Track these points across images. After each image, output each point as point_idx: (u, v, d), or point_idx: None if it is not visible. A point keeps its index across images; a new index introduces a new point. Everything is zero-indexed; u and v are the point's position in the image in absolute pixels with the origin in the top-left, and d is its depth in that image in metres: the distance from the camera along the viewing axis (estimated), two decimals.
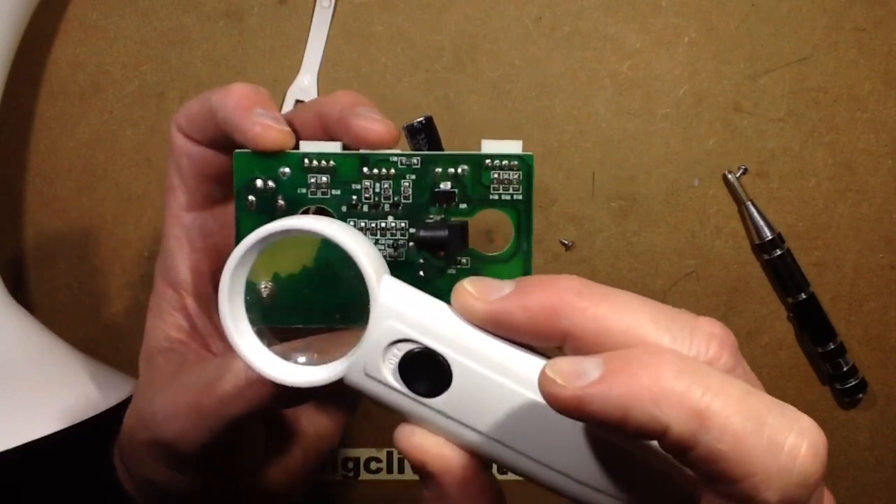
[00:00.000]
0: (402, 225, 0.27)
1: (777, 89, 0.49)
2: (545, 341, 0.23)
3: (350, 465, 0.50)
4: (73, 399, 0.38)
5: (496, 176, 0.27)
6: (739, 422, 0.19)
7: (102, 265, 0.49)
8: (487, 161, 0.27)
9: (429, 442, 0.24)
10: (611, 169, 0.49)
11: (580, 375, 0.20)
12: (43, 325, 0.45)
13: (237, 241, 0.26)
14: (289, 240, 0.25)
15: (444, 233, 0.26)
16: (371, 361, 0.23)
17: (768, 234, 0.48)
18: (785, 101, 0.49)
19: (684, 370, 0.19)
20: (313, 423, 0.34)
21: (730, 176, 0.49)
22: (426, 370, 0.23)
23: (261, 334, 0.25)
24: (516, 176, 0.27)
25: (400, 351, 0.23)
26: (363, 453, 0.51)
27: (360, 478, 0.51)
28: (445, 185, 0.27)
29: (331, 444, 0.35)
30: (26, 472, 0.34)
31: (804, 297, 0.49)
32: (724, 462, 0.19)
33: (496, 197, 0.27)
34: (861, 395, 0.50)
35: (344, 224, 0.25)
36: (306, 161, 0.27)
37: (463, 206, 0.27)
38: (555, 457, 0.23)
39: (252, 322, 0.25)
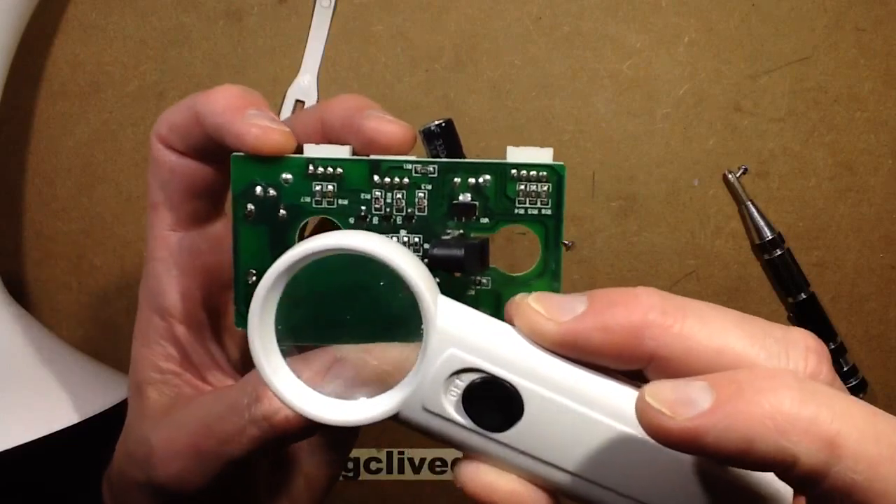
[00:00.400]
0: (416, 240, 0.24)
1: (777, 89, 0.49)
2: (626, 364, 0.21)
3: (350, 465, 0.50)
4: (72, 399, 0.38)
5: (522, 188, 0.24)
6: (872, 447, 0.17)
7: (102, 265, 0.49)
8: (513, 171, 0.24)
9: (499, 480, 0.21)
10: (611, 169, 0.49)
11: (688, 404, 0.18)
12: (43, 325, 0.45)
13: (235, 254, 0.24)
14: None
15: (460, 252, 0.23)
16: (430, 395, 0.21)
17: (768, 234, 0.48)
18: (785, 101, 0.49)
19: (807, 393, 0.18)
20: (316, 455, 0.32)
21: (730, 176, 0.49)
22: (494, 401, 0.21)
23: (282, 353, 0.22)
24: (545, 188, 0.24)
25: (463, 381, 0.21)
26: (363, 453, 0.51)
27: (360, 478, 0.51)
28: (465, 197, 0.24)
29: (336, 473, 0.33)
30: (26, 471, 0.34)
31: (804, 297, 0.49)
32: (860, 493, 0.17)
33: (522, 211, 0.24)
34: (861, 396, 0.50)
35: (387, 239, 0.22)
36: (311, 167, 0.24)
37: (484, 220, 0.24)
38: (647, 491, 0.21)
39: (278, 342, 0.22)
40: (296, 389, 0.22)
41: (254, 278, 0.25)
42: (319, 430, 0.26)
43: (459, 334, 0.21)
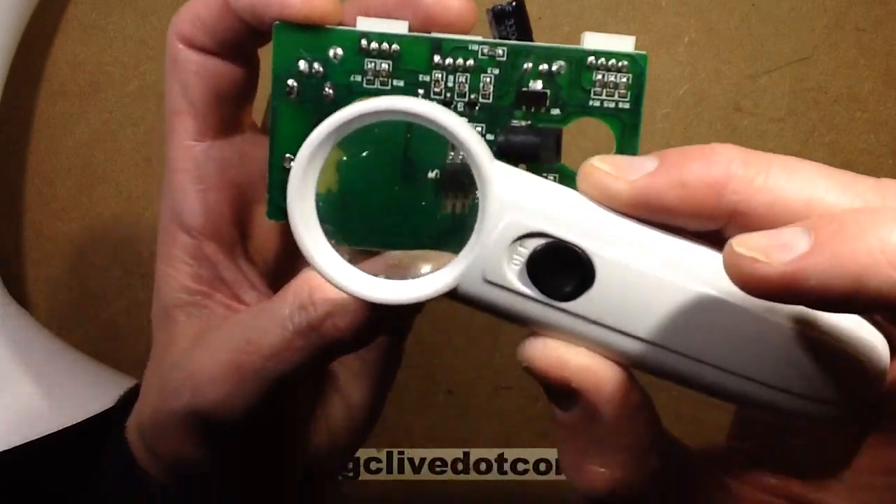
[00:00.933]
0: (479, 129, 0.22)
1: (777, 89, 0.49)
2: (704, 223, 0.19)
3: (350, 465, 0.50)
4: (72, 399, 0.38)
5: (600, 77, 0.22)
6: None
7: (102, 265, 0.49)
8: (591, 59, 0.22)
9: (569, 354, 0.20)
10: None
11: (784, 248, 0.16)
12: (43, 325, 0.45)
13: (272, 136, 0.22)
14: (360, 138, 0.20)
15: (536, 139, 0.22)
16: (491, 264, 0.19)
17: None
18: (785, 101, 0.49)
19: None
20: (359, 381, 0.30)
21: None
22: (561, 268, 0.19)
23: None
24: (624, 79, 0.22)
25: (526, 248, 0.19)
26: (363, 453, 0.51)
27: (360, 478, 0.51)
28: (535, 85, 0.22)
29: (377, 406, 0.30)
30: (26, 471, 0.34)
31: None
32: None
33: (597, 103, 0.22)
34: None
35: (443, 107, 0.20)
36: (364, 42, 0.22)
37: (555, 111, 0.22)
38: (729, 357, 0.19)
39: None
40: (341, 267, 0.20)
41: (291, 164, 0.22)
42: (371, 334, 0.24)
43: (520, 197, 0.19)
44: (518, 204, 0.19)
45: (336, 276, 0.19)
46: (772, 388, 0.19)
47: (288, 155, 0.23)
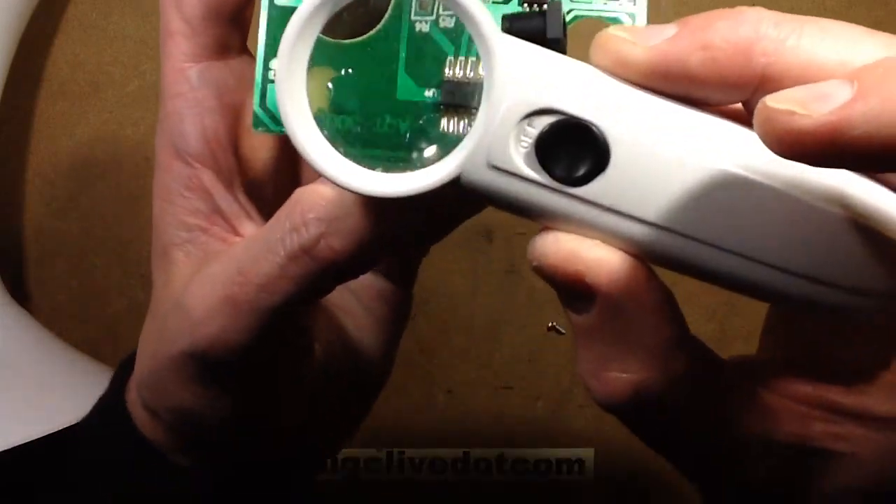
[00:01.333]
0: None
1: None
2: (731, 91, 0.17)
3: (350, 465, 0.50)
4: (72, 399, 0.38)
5: None
6: None
7: (102, 265, 0.49)
8: None
9: (582, 246, 0.18)
10: None
11: (824, 98, 0.14)
12: (43, 325, 0.45)
13: (261, 39, 0.22)
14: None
15: (541, 18, 0.20)
16: (497, 147, 0.17)
17: None
18: None
19: None
20: (366, 334, 0.28)
21: None
22: (573, 149, 0.17)
23: None
24: None
25: (534, 128, 0.17)
26: (363, 453, 0.51)
27: (360, 478, 0.51)
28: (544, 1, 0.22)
29: (404, 313, 0.29)
30: (26, 471, 0.34)
31: None
32: None
33: (602, 3, 0.22)
34: None
35: None
36: None
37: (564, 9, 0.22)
38: (765, 246, 0.17)
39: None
40: (336, 159, 0.18)
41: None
42: (370, 255, 0.22)
43: (528, 71, 0.17)
44: (526, 78, 0.17)
45: (330, 167, 0.18)
46: (810, 279, 0.17)
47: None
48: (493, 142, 0.17)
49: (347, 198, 0.20)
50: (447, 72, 0.22)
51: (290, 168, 0.27)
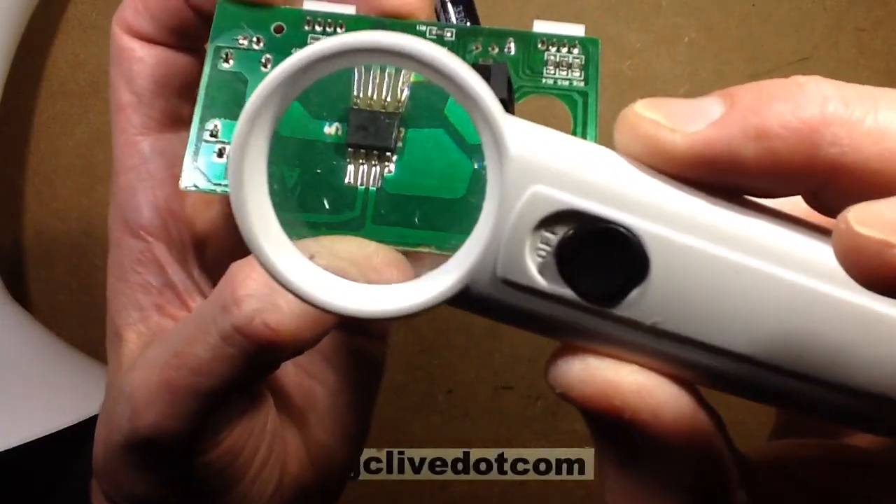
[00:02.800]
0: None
1: None
2: (793, 186, 0.14)
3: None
4: (72, 399, 0.38)
5: (551, 58, 0.21)
6: None
7: (102, 265, 0.49)
8: (541, 41, 0.21)
9: (620, 374, 0.15)
10: None
11: None
12: (43, 325, 0.45)
13: (200, 103, 0.20)
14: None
15: (486, 71, 0.18)
16: (509, 258, 0.14)
17: None
18: None
19: None
20: (337, 396, 0.26)
21: None
22: (603, 258, 0.14)
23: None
24: (577, 60, 0.21)
25: (555, 234, 0.14)
26: (363, 453, 0.51)
27: (360, 478, 0.50)
28: (486, 62, 0.21)
29: (379, 364, 0.26)
30: (26, 471, 0.34)
31: None
32: None
33: (551, 81, 0.21)
34: None
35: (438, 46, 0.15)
36: (309, 19, 0.20)
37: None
38: (844, 369, 0.14)
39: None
40: (301, 270, 0.15)
41: (216, 125, 0.20)
42: (313, 334, 0.20)
43: (545, 162, 0.14)
44: (543, 170, 0.14)
45: (304, 285, 0.14)
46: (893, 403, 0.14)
47: (214, 120, 0.21)
48: (503, 251, 0.14)
49: None
50: (355, 94, 0.19)
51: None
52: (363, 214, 0.18)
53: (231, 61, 0.21)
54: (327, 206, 0.17)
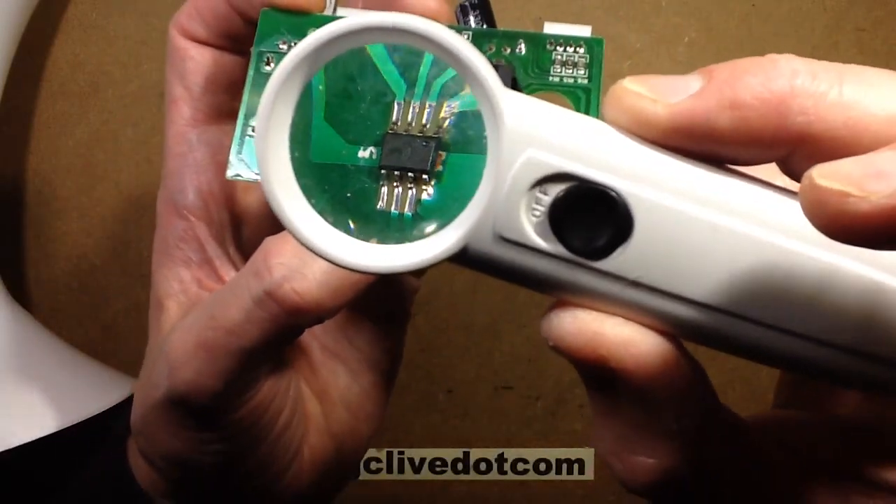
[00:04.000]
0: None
1: None
2: (764, 152, 0.16)
3: None
4: (72, 399, 0.38)
5: (559, 57, 0.23)
6: None
7: (102, 265, 0.49)
8: (550, 42, 0.23)
9: (606, 326, 0.16)
10: None
11: (882, 177, 0.13)
12: (43, 325, 0.45)
13: (243, 103, 0.23)
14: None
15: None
16: (506, 217, 0.16)
17: None
18: None
19: None
20: (357, 376, 0.29)
21: None
22: (592, 218, 0.16)
23: None
24: (583, 59, 0.23)
25: (547, 195, 0.16)
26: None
27: (360, 478, 0.51)
28: (498, 62, 0.23)
29: (394, 362, 0.29)
30: (26, 471, 0.34)
31: None
32: None
33: (557, 79, 0.23)
34: None
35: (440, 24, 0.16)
36: None
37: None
38: (810, 320, 0.15)
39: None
40: (318, 226, 0.16)
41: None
42: (336, 301, 0.22)
43: (538, 130, 0.16)
44: (537, 138, 0.15)
45: (315, 239, 0.16)
46: (857, 354, 0.16)
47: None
48: (501, 210, 0.16)
49: None
50: (394, 120, 0.19)
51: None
52: (396, 240, 0.18)
53: (272, 64, 0.23)
54: (356, 232, 0.17)
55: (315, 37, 0.16)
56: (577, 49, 0.23)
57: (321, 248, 0.16)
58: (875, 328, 0.16)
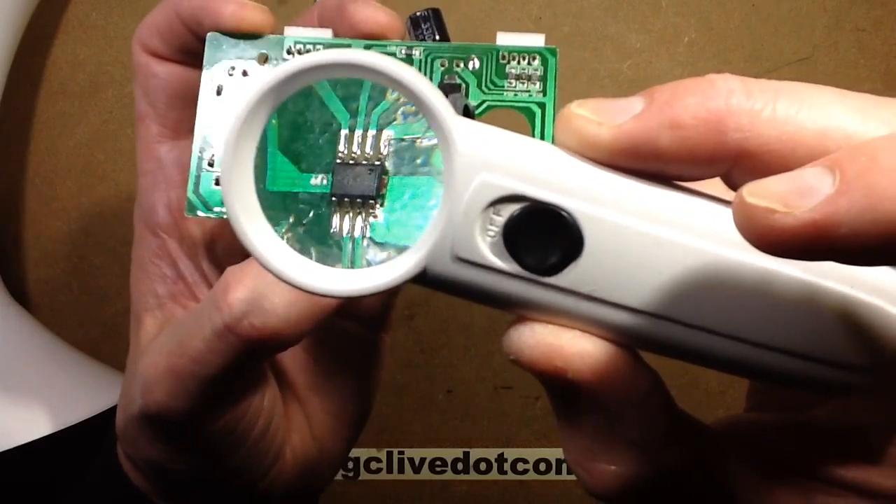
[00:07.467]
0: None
1: None
2: (703, 169, 0.16)
3: (350, 465, 0.50)
4: (72, 399, 0.38)
5: (513, 71, 0.23)
6: None
7: (102, 265, 0.49)
8: (503, 55, 0.23)
9: (563, 339, 0.17)
10: None
11: (805, 193, 0.13)
12: (43, 325, 0.45)
13: (196, 133, 0.23)
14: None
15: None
16: (462, 238, 0.16)
17: None
18: None
19: None
20: (336, 381, 0.29)
21: None
22: (544, 236, 0.16)
23: None
24: (537, 72, 0.23)
25: (501, 216, 0.16)
26: (363, 453, 0.51)
27: (360, 478, 0.50)
28: (451, 79, 0.23)
29: (367, 402, 0.30)
30: (26, 471, 0.34)
31: None
32: None
33: (512, 94, 0.23)
34: None
35: (391, 58, 0.17)
36: (290, 46, 0.23)
37: (472, 102, 0.23)
38: (748, 324, 0.16)
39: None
40: (285, 254, 0.17)
41: (213, 155, 0.23)
42: (295, 333, 0.23)
43: (490, 155, 0.16)
44: (488, 162, 0.16)
45: (276, 261, 0.17)
46: (794, 355, 0.16)
47: (212, 150, 0.23)
48: (457, 232, 0.16)
49: (270, 277, 0.18)
50: (340, 150, 0.20)
51: None
52: (350, 262, 0.19)
53: (221, 91, 0.23)
54: (314, 257, 0.18)
55: (277, 72, 0.16)
56: (532, 61, 0.23)
57: (288, 275, 0.17)
58: (810, 330, 0.16)
